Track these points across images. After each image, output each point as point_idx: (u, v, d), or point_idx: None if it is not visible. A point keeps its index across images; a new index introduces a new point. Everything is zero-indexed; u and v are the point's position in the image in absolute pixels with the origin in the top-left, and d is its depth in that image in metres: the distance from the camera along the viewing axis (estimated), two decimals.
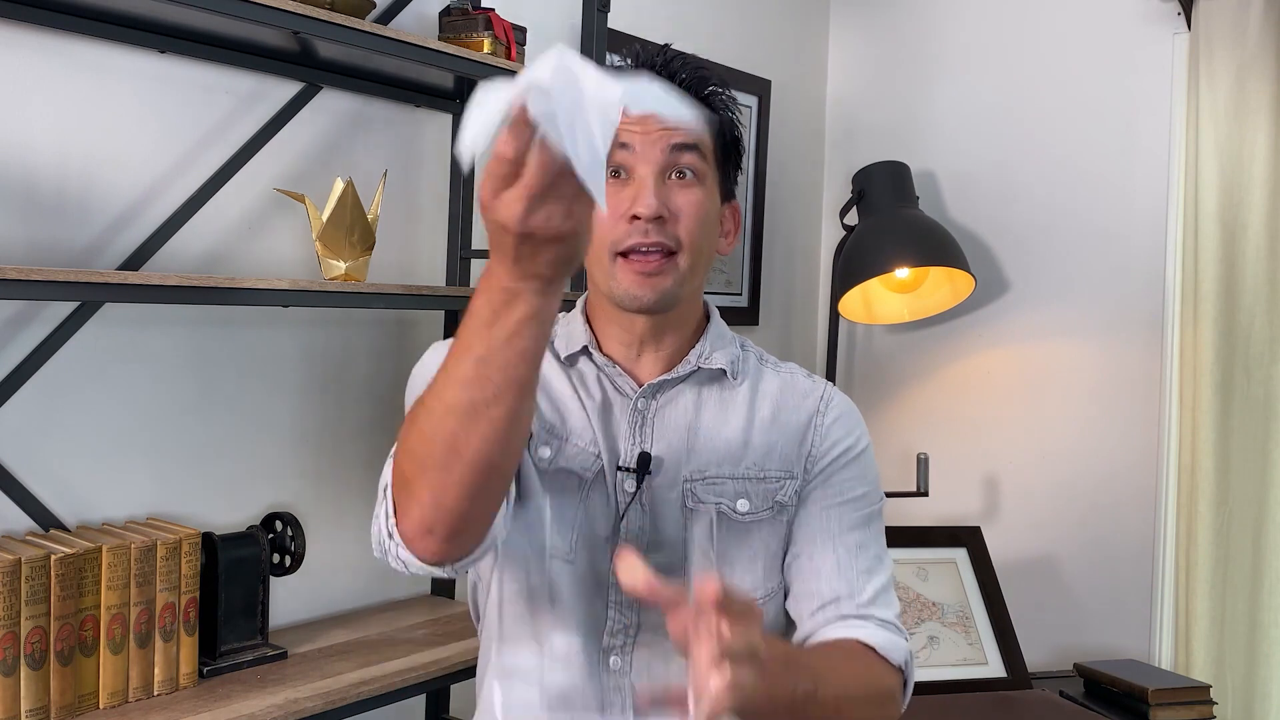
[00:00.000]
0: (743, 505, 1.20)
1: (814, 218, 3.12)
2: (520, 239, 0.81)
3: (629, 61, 1.19)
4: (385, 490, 1.03)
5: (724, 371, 1.24)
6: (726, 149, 1.23)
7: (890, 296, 2.82)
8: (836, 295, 2.74)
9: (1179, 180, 2.56)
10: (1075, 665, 2.29)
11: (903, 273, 2.71)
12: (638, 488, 1.18)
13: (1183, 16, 2.54)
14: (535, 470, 1.19)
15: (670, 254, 1.15)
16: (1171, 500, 2.55)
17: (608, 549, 1.18)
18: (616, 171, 1.15)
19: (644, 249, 1.14)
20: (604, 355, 1.23)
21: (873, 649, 1.16)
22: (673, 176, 1.16)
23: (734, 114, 1.24)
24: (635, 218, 1.13)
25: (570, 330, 1.25)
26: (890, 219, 2.69)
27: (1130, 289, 2.65)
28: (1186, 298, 2.48)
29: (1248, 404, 2.42)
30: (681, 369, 1.22)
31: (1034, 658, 2.48)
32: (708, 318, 1.28)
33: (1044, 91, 2.76)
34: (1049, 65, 2.76)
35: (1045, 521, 2.75)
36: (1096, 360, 2.69)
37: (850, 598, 1.19)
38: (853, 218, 2.79)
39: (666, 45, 1.22)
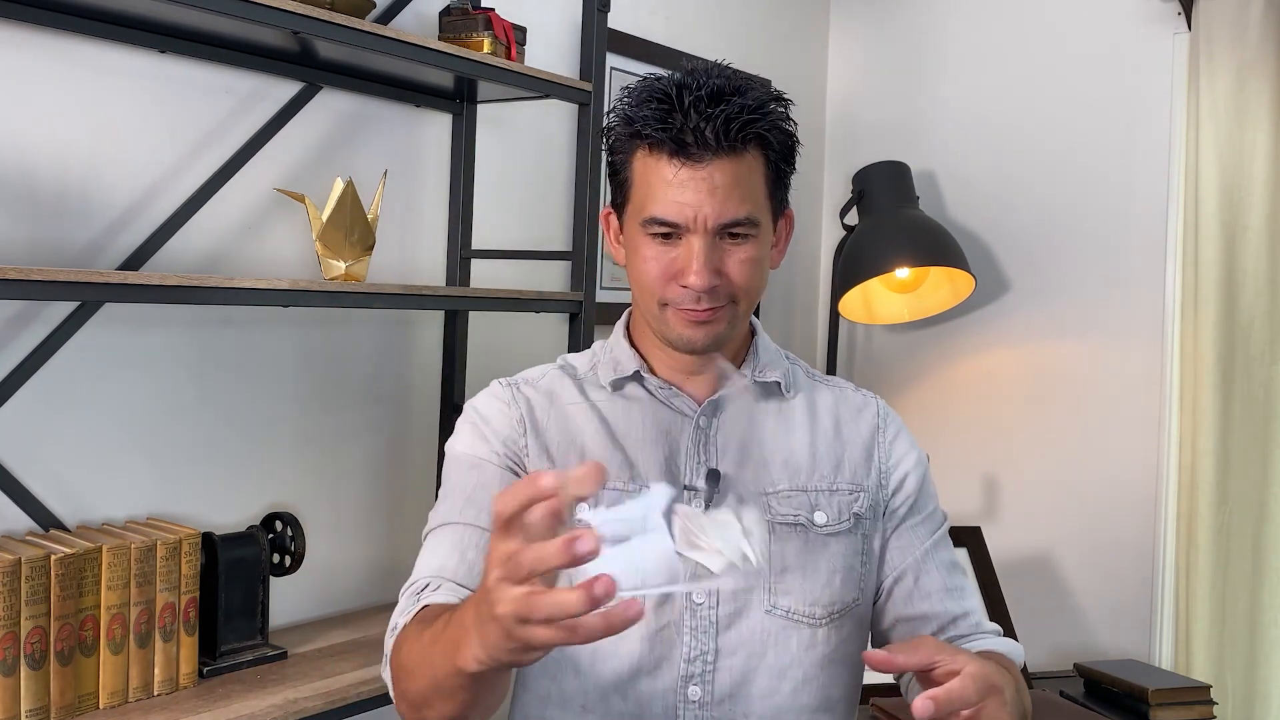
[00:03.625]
0: (820, 517, 1.20)
1: (814, 218, 3.11)
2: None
3: (675, 86, 1.12)
4: (393, 633, 1.06)
5: (778, 385, 1.24)
6: (780, 175, 1.20)
7: (890, 296, 2.82)
8: (836, 295, 2.74)
9: (1179, 180, 2.55)
10: (1075, 665, 2.29)
11: (903, 273, 2.70)
12: (707, 506, 1.17)
13: (1183, 16, 2.54)
14: None
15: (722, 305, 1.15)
16: (1171, 500, 2.55)
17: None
18: (667, 234, 1.13)
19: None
20: (657, 378, 1.22)
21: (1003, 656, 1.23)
22: (725, 238, 1.14)
23: (788, 128, 1.20)
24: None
25: (616, 355, 1.24)
26: (890, 219, 2.69)
27: (1130, 289, 2.64)
28: (1186, 298, 2.48)
29: (1248, 404, 2.42)
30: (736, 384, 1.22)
31: (1034, 658, 2.48)
32: (753, 332, 1.28)
33: (1044, 91, 2.76)
34: (1049, 65, 2.75)
35: (1045, 522, 2.74)
36: (1097, 360, 2.69)
37: (965, 617, 1.27)
38: (853, 218, 2.79)
39: (715, 64, 1.17)
